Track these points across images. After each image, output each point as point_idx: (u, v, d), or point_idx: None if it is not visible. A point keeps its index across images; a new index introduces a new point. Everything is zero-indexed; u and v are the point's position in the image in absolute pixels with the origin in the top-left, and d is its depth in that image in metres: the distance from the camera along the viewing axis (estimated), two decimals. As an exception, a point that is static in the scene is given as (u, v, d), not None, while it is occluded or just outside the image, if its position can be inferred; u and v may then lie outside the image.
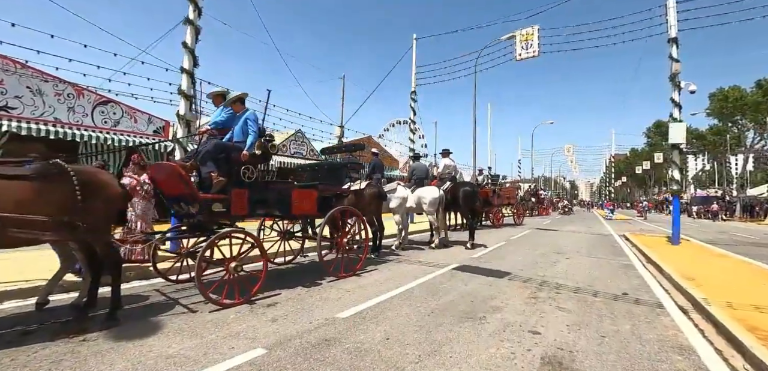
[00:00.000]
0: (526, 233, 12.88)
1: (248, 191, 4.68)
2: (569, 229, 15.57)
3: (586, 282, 5.49)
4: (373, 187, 7.28)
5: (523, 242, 10.43)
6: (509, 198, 17.19)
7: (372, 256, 7.20)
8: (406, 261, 6.85)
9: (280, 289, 4.80)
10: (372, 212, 7.24)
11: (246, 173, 4.63)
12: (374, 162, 8.89)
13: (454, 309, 4.00)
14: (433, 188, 8.80)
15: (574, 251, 8.77)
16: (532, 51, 12.84)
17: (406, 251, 8.18)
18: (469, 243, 8.58)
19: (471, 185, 8.97)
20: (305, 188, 5.47)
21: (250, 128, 4.80)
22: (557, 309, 4.10)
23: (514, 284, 5.23)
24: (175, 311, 3.95)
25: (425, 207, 8.71)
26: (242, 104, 5.04)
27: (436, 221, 8.64)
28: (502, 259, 7.29)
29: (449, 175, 9.38)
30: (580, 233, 13.90)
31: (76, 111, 12.17)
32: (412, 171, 9.23)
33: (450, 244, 9.21)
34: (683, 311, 4.24)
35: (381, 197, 7.36)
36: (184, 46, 7.90)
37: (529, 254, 8.09)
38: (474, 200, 8.75)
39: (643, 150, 61.65)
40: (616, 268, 6.70)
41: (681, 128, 9.95)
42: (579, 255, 8.06)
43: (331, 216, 5.48)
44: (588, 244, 10.31)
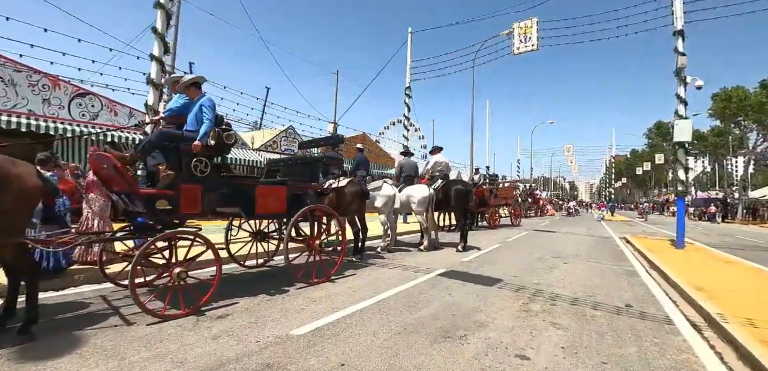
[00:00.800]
0: (523, 235, 12.32)
1: (201, 186, 4.12)
2: (568, 231, 15.01)
3: (585, 291, 4.93)
4: (354, 184, 6.73)
5: (519, 244, 9.86)
6: (507, 198, 16.63)
7: (353, 259, 6.65)
8: (389, 266, 6.29)
9: (240, 297, 4.24)
10: (354, 211, 6.69)
11: (198, 167, 4.07)
12: (359, 158, 8.33)
13: (430, 325, 3.44)
14: (422, 186, 8.24)
15: (573, 254, 8.20)
16: (531, 45, 12.27)
17: (392, 253, 7.62)
18: (461, 246, 8.02)
19: (464, 184, 8.42)
20: (272, 185, 4.91)
21: (205, 115, 4.24)
22: (551, 325, 3.54)
23: (505, 293, 4.67)
24: (109, 323, 3.40)
25: (414, 207, 8.15)
26: (198, 89, 4.48)
27: (425, 222, 8.08)
28: (495, 264, 6.72)
29: (441, 173, 8.82)
30: (579, 235, 13.34)
31: (52, 103, 11.61)
32: (401, 168, 8.67)
33: (440, 246, 8.65)
34: (696, 328, 3.69)
35: (363, 196, 6.81)
36: (154, 32, 7.34)
37: (524, 258, 7.52)
38: (467, 199, 8.19)
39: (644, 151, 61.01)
40: (618, 275, 6.14)
41: (687, 125, 9.39)
42: (578, 260, 7.50)
43: (302, 215, 4.93)
44: (588, 247, 9.75)
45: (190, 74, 4.62)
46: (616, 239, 12.05)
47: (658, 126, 52.15)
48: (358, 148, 8.81)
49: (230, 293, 4.39)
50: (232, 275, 5.42)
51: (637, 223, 23.10)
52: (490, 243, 9.72)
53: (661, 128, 51.61)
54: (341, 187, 6.69)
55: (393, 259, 6.96)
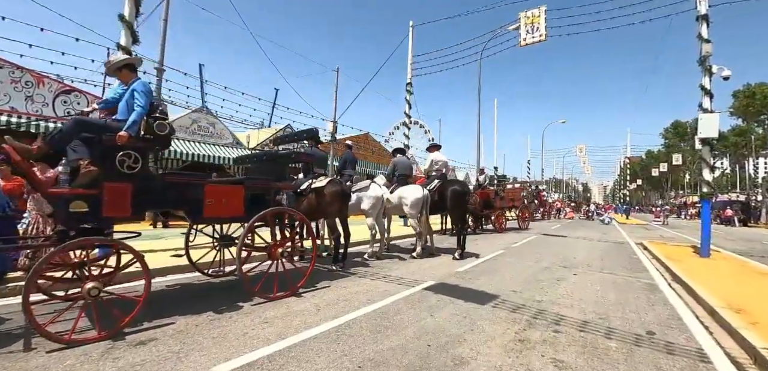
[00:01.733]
0: (530, 240, 11.45)
1: (130, 185, 3.46)
2: (580, 235, 14.05)
3: (598, 311, 4.12)
4: (334, 184, 6.02)
5: (525, 250, 9.02)
6: (514, 200, 15.73)
7: (334, 268, 5.94)
8: (372, 276, 5.56)
9: (181, 315, 3.58)
10: (334, 213, 5.97)
11: (125, 162, 3.42)
12: (346, 156, 7.64)
13: (396, 361, 2.70)
14: (415, 186, 7.49)
15: (584, 263, 7.34)
16: (539, 35, 11.41)
17: (380, 261, 6.89)
18: (457, 253, 7.23)
19: (461, 184, 7.64)
20: (225, 184, 4.24)
21: (136, 101, 3.60)
22: (552, 364, 2.76)
23: (499, 314, 3.89)
24: (5, 348, 2.78)
25: (406, 209, 7.40)
26: (132, 72, 3.84)
27: (418, 226, 7.32)
28: (494, 274, 5.93)
29: (438, 172, 8.06)
30: (592, 240, 12.40)
31: (35, 100, 11.18)
32: (394, 167, 7.94)
33: (437, 253, 7.88)
34: (739, 368, 2.87)
35: (345, 197, 6.09)
36: (121, 20, 6.72)
37: (528, 267, 6.70)
38: (463, 200, 7.41)
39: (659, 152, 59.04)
40: (636, 289, 5.29)
41: (712, 119, 8.43)
42: (590, 270, 6.65)
43: (261, 219, 4.24)
44: (601, 254, 8.86)
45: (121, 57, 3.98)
46: (632, 245, 11.10)
47: (676, 126, 50.29)
48: (347, 145, 8.11)
49: (173, 309, 3.74)
50: (189, 285, 4.76)
51: (654, 227, 21.86)
52: (493, 249, 8.90)
53: (678, 128, 49.76)
54: (320, 187, 5.99)
55: (379, 268, 6.22)
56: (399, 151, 8.30)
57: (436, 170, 8.08)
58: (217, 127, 14.88)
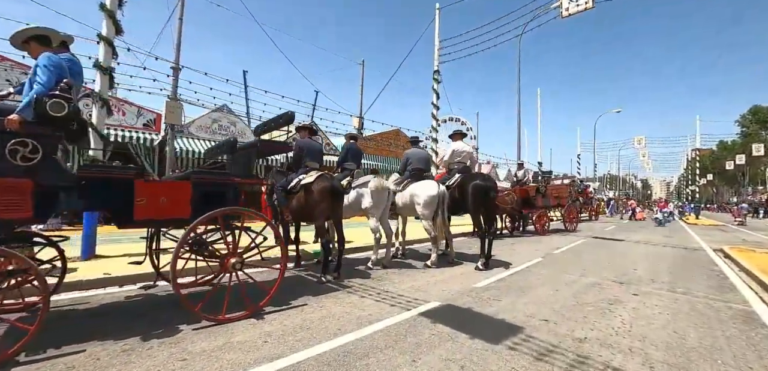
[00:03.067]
0: (576, 245, 9.78)
1: (30, 180, 2.72)
2: (639, 239, 12.01)
3: (672, 361, 2.77)
4: (324, 180, 5.06)
5: (568, 258, 7.51)
6: (559, 198, 13.90)
7: (324, 279, 4.99)
8: (365, 292, 4.52)
9: (98, 340, 2.80)
10: (322, 214, 5.01)
11: (18, 152, 2.68)
12: (348, 147, 6.65)
13: None
14: (429, 182, 6.34)
15: (648, 278, 5.78)
16: (585, 3, 9.72)
17: (387, 270, 5.83)
18: (481, 262, 5.98)
19: (484, 178, 6.34)
20: (164, 180, 3.41)
21: (37, 78, 2.89)
22: None
23: (516, 363, 2.68)
24: None
25: (418, 209, 6.28)
26: (43, 46, 3.14)
27: (433, 229, 6.17)
28: (522, 294, 4.64)
29: (460, 164, 6.83)
30: (655, 245, 10.43)
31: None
32: (406, 160, 6.83)
33: (458, 261, 6.67)
34: None
35: (335, 195, 5.10)
36: (102, 9, 6.25)
37: (570, 282, 5.31)
38: (488, 198, 6.12)
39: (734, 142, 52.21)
40: (725, 321, 3.78)
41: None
42: (656, 288, 5.13)
43: (205, 222, 3.37)
44: (669, 265, 7.14)
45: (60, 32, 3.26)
46: (708, 252, 9.08)
47: (755, 112, 44.00)
48: (350, 135, 7.12)
49: (94, 331, 2.97)
50: (153, 297, 4.00)
51: (731, 228, 18.67)
52: (529, 256, 7.48)
53: (758, 113, 43.48)
54: (308, 183, 5.06)
55: (380, 281, 5.16)
56: (414, 142, 7.17)
57: (458, 162, 6.85)
58: (238, 126, 14.58)
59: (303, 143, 5.86)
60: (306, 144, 5.84)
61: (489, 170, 31.09)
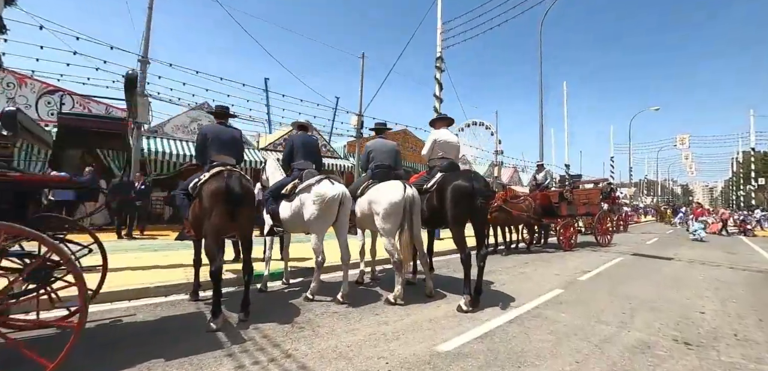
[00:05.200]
0: (611, 266, 7.59)
1: None
2: (693, 256, 9.60)
3: None
4: (217, 179, 3.40)
5: (599, 291, 5.42)
6: (589, 205, 11.56)
7: (213, 326, 3.30)
8: (246, 355, 2.73)
9: None
10: (214, 228, 3.33)
11: None
12: (291, 141, 4.96)
13: None
14: (393, 184, 4.50)
15: (726, 331, 3.70)
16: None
17: (341, 303, 4.05)
18: (465, 301, 4.04)
19: (469, 176, 4.36)
20: None
21: None
22: None
23: None
24: None
25: (377, 221, 4.46)
26: None
27: (396, 251, 4.32)
28: (516, 368, 2.72)
29: (444, 161, 4.91)
30: (716, 265, 8.06)
31: (17, 102, 10.34)
32: (368, 155, 5.03)
33: (439, 293, 4.77)
34: None
35: (234, 199, 3.40)
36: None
37: (602, 346, 3.30)
38: (471, 203, 4.15)
39: (793, 143, 46.79)
40: None
41: None
42: (745, 354, 3.07)
43: None
44: (752, 302, 4.95)
45: None
46: (796, 278, 6.71)
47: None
48: (298, 123, 5.40)
49: None
50: None
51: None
52: (544, 286, 5.46)
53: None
54: (200, 182, 3.45)
55: (301, 329, 3.38)
56: (377, 130, 5.34)
57: (442, 157, 4.94)
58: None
59: (208, 130, 4.24)
60: (211, 131, 4.21)
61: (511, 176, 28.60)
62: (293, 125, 5.54)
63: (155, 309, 4.01)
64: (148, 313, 3.89)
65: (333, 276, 5.76)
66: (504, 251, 8.84)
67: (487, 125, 35.08)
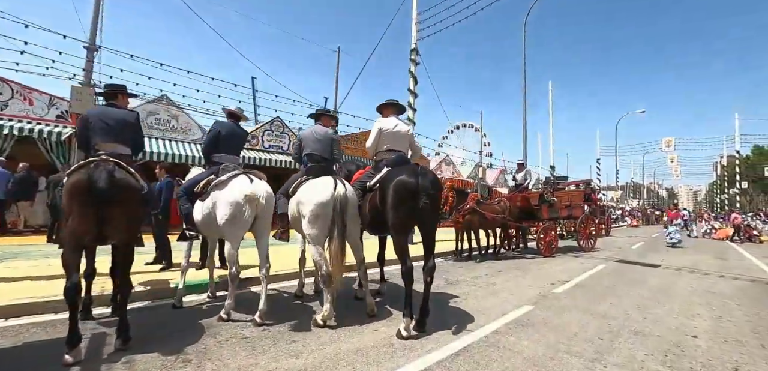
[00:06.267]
0: (593, 274, 6.89)
1: None
2: (682, 263, 8.99)
3: None
4: (79, 172, 2.61)
5: (576, 308, 4.68)
6: (571, 208, 10.88)
7: (69, 359, 2.47)
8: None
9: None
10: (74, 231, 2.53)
11: None
12: (220, 128, 4.19)
13: None
14: (322, 181, 3.70)
15: (724, 361, 2.98)
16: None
17: (258, 327, 3.23)
18: (404, 325, 3.23)
19: (414, 172, 3.54)
20: None
21: None
22: None
23: None
24: None
25: (303, 225, 3.66)
26: None
27: (323, 262, 3.52)
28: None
29: (391, 156, 4.08)
30: (707, 274, 7.43)
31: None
32: (300, 146, 4.22)
33: (384, 312, 3.97)
34: None
35: (96, 195, 2.59)
36: None
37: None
38: (414, 203, 3.33)
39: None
40: None
41: None
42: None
43: None
44: (742, 315, 4.26)
45: None
46: (793, 288, 6.10)
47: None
48: (228, 110, 4.55)
49: None
50: None
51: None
52: (513, 300, 4.70)
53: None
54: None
55: (185, 363, 2.55)
56: (315, 117, 4.51)
57: (389, 150, 4.13)
58: (181, 120, 12.24)
59: (91, 114, 3.41)
60: (95, 114, 3.37)
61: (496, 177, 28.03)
62: (224, 110, 4.70)
63: (30, 331, 3.19)
64: (18, 336, 3.07)
65: (285, 285, 5.01)
66: (478, 257, 8.08)
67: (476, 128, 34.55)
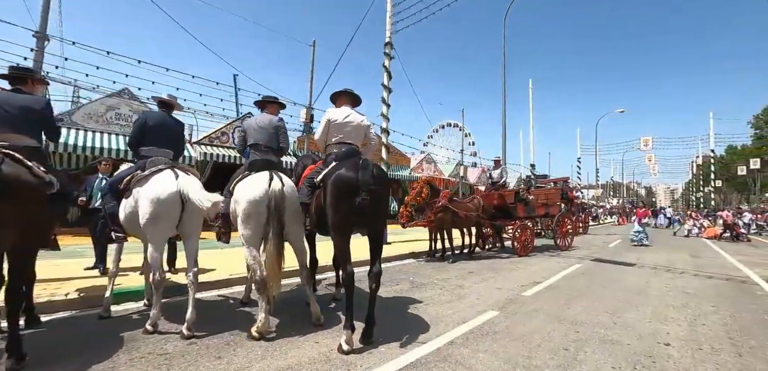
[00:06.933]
0: (566, 275, 6.64)
1: None
2: (659, 262, 8.87)
3: None
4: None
5: (545, 313, 4.38)
6: (548, 206, 10.67)
7: None
8: None
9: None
10: None
11: None
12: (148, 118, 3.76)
13: None
14: (256, 177, 3.30)
15: (699, 367, 2.69)
16: None
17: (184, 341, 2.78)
18: (346, 338, 2.84)
19: (355, 166, 3.12)
20: None
21: None
22: None
23: None
24: None
25: (238, 224, 3.24)
26: None
27: (257, 266, 3.10)
28: None
29: (341, 149, 3.64)
30: (681, 272, 7.29)
31: None
32: (244, 137, 3.78)
33: (332, 320, 3.57)
34: None
35: None
36: None
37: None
38: (351, 200, 2.93)
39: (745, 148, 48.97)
40: None
41: None
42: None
43: None
44: (717, 317, 4.03)
45: None
46: (762, 285, 5.98)
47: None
48: (158, 98, 4.07)
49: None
50: None
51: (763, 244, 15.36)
52: (475, 307, 4.37)
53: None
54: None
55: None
56: (262, 103, 4.08)
57: (339, 142, 3.69)
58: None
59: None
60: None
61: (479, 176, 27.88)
62: (154, 99, 4.23)
63: None
64: None
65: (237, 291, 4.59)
66: (451, 257, 7.77)
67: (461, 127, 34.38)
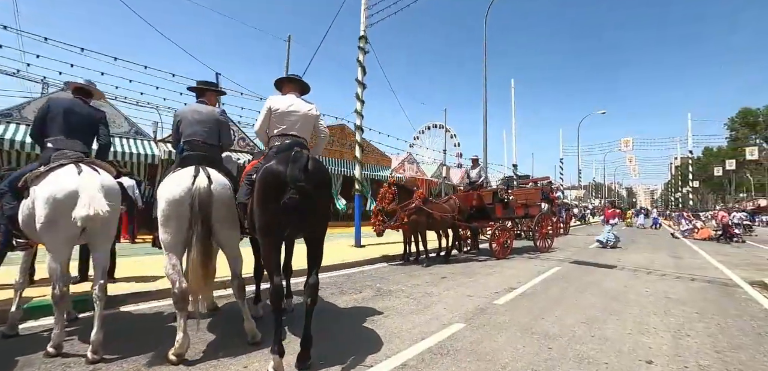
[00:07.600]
0: (544, 279, 6.32)
1: None
2: (640, 264, 8.65)
3: None
4: None
5: (514, 322, 4.01)
6: (528, 206, 10.40)
7: None
8: None
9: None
10: None
11: None
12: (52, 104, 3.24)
13: None
14: (178, 175, 2.83)
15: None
16: None
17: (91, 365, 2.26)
18: (274, 364, 2.38)
19: (285, 160, 2.66)
20: None
21: None
22: None
23: None
24: None
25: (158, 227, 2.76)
26: None
27: (176, 274, 2.63)
28: None
29: (285, 138, 3.16)
30: (663, 275, 7.05)
31: None
32: (179, 127, 3.28)
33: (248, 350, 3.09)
34: None
35: None
36: None
37: None
38: (280, 193, 2.49)
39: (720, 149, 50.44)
40: None
41: None
42: None
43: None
44: (702, 326, 3.73)
45: None
46: (745, 288, 5.77)
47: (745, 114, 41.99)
48: (71, 84, 3.57)
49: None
50: None
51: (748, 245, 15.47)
52: (440, 319, 3.96)
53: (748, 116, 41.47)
54: None
55: None
56: (199, 90, 3.61)
57: (281, 134, 3.21)
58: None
59: None
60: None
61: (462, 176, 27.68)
62: (67, 85, 3.72)
63: None
64: None
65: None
66: (425, 261, 7.37)
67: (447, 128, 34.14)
